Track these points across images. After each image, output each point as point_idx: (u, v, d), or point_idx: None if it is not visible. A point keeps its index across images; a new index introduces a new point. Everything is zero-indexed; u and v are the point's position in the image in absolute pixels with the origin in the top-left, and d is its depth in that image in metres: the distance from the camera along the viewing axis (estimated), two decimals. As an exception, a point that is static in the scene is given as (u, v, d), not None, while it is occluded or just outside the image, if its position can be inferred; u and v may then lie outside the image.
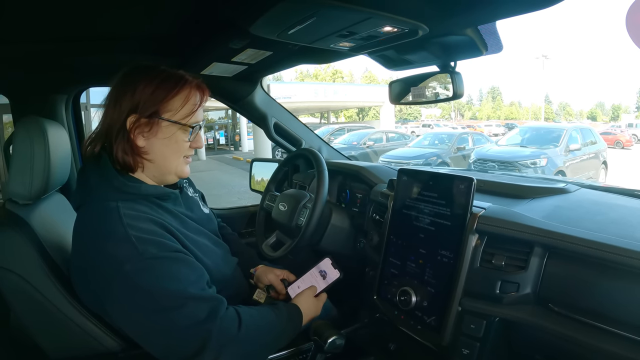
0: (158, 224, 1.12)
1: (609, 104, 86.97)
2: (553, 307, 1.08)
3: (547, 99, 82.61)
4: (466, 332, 1.20)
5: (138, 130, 1.14)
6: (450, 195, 1.26)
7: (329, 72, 69.10)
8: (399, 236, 1.40)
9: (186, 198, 1.37)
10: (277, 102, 2.30)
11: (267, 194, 2.03)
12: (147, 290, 1.00)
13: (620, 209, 1.30)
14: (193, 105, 1.19)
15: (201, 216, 1.40)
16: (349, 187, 2.02)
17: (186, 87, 1.18)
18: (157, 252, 1.03)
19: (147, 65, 1.19)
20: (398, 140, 15.82)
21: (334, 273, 1.43)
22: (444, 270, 1.25)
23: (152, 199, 1.18)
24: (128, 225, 1.04)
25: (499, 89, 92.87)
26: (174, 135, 1.18)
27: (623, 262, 0.96)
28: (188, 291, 1.03)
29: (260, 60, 1.68)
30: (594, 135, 10.79)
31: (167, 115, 1.16)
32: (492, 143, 12.46)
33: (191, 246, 1.18)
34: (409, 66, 1.46)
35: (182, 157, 1.23)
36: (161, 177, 1.23)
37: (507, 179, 1.70)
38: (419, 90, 1.43)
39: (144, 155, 1.17)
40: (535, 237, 1.13)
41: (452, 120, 67.17)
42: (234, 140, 27.05)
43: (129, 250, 1.01)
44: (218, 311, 1.05)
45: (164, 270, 1.03)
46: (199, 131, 1.24)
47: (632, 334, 0.94)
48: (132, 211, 1.09)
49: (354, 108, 52.17)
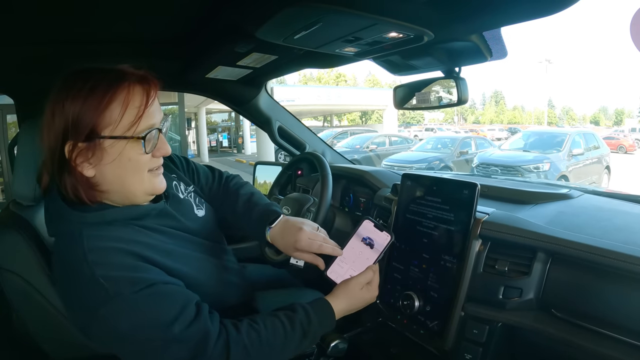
0: (130, 254, 0.94)
1: (612, 109, 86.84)
2: (556, 312, 1.08)
3: (550, 103, 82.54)
4: (469, 337, 1.20)
5: (80, 158, 0.93)
6: (454, 200, 1.26)
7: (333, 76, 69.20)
8: (402, 241, 1.39)
9: (175, 204, 1.18)
10: (281, 105, 2.31)
11: (270, 197, 2.02)
12: (126, 333, 0.88)
13: (624, 216, 1.30)
14: (136, 108, 0.94)
15: (194, 222, 1.21)
16: (352, 191, 2.02)
17: (122, 87, 0.93)
18: (131, 290, 0.88)
19: (80, 69, 0.96)
20: (401, 144, 15.82)
21: (382, 236, 1.19)
22: (447, 275, 1.25)
23: (125, 221, 1.01)
24: (94, 263, 0.88)
25: (502, 93, 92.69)
26: (124, 154, 0.95)
27: (627, 269, 0.96)
28: (170, 332, 0.89)
29: (265, 64, 1.68)
30: (597, 140, 10.78)
31: (107, 131, 0.92)
32: (495, 147, 12.45)
33: (176, 266, 1.02)
34: (413, 71, 1.47)
35: (146, 172, 1.01)
36: (131, 200, 1.03)
37: (510, 184, 1.69)
38: (423, 96, 1.43)
39: (97, 188, 0.98)
40: (539, 243, 1.12)
41: (455, 124, 67.02)
42: (237, 143, 27.09)
43: (99, 293, 0.87)
44: (205, 350, 0.91)
45: (142, 309, 0.89)
46: (159, 135, 1.00)
47: (635, 340, 0.94)
48: (100, 242, 0.92)
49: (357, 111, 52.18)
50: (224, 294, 1.22)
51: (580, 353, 1.03)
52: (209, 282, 1.14)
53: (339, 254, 1.19)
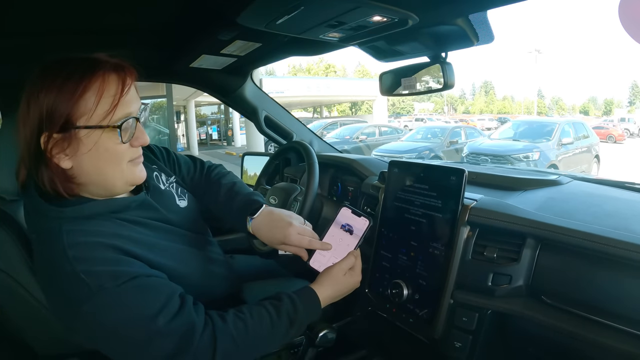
0: (111, 247, 0.92)
1: (601, 99, 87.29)
2: (546, 299, 1.08)
3: (539, 93, 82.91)
4: (458, 325, 1.20)
5: (56, 150, 0.91)
6: (441, 187, 1.24)
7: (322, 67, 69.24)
8: (390, 229, 1.38)
9: (157, 195, 1.15)
10: (267, 95, 2.28)
11: (258, 187, 2.00)
12: (109, 328, 0.87)
13: (614, 201, 1.29)
14: (111, 96, 0.91)
15: (176, 213, 1.19)
16: (340, 180, 2.00)
17: (96, 76, 0.91)
18: (113, 284, 0.87)
19: (55, 59, 0.94)
20: (391, 134, 15.87)
21: (360, 222, 1.20)
22: (435, 262, 1.24)
23: (105, 215, 0.98)
24: (74, 259, 0.87)
25: (492, 83, 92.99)
26: (100, 144, 0.92)
27: (617, 255, 0.95)
28: (154, 325, 0.87)
29: (249, 52, 1.66)
30: (586, 129, 10.85)
31: (82, 121, 0.90)
32: (485, 137, 12.52)
33: (159, 259, 1.00)
34: (399, 57, 1.45)
35: (126, 162, 0.99)
36: (110, 192, 1.01)
37: (499, 171, 1.69)
38: (409, 82, 1.41)
39: (74, 180, 0.95)
40: (528, 229, 1.12)
41: (445, 115, 67.30)
42: (227, 135, 26.98)
43: (81, 289, 0.85)
44: (191, 342, 0.89)
45: (125, 303, 0.88)
46: (137, 124, 0.97)
47: (625, 326, 0.93)
48: (80, 237, 0.90)
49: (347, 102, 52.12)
50: (209, 286, 1.20)
51: (570, 339, 1.02)
52: (193, 274, 1.11)
53: (328, 249, 1.18)
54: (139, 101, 1.00)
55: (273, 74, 36.84)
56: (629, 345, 0.92)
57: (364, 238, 1.19)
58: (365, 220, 1.19)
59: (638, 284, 0.94)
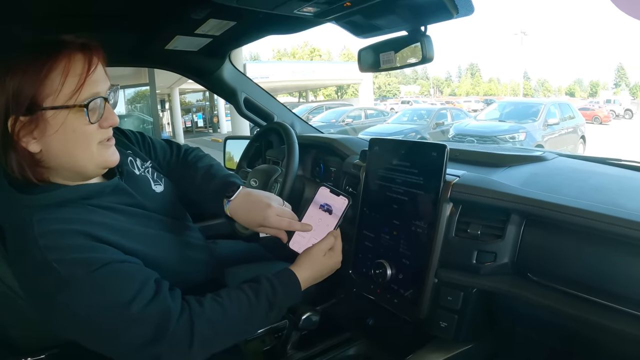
0: (83, 234, 0.90)
1: (587, 81, 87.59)
2: (532, 276, 1.06)
3: (525, 75, 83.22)
4: (443, 305, 1.18)
5: (23, 132, 0.89)
6: (423, 163, 1.22)
7: (307, 51, 68.93)
8: (372, 208, 1.36)
9: (131, 180, 1.13)
10: (247, 76, 2.25)
11: (239, 170, 1.99)
12: (84, 317, 0.86)
13: (600, 176, 1.27)
14: (77, 76, 0.89)
15: (151, 198, 1.16)
16: (322, 161, 1.98)
17: (61, 55, 0.89)
18: (86, 271, 0.85)
19: (21, 43, 0.92)
20: (377, 117, 15.93)
21: (339, 201, 1.17)
22: (418, 241, 1.22)
23: (77, 201, 0.96)
24: (45, 248, 0.85)
25: (478, 65, 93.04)
26: (67, 124, 0.90)
27: (604, 229, 0.93)
28: (129, 311, 0.86)
29: (225, 31, 1.61)
30: (572, 110, 10.95)
31: (48, 102, 0.88)
32: (471, 118, 12.58)
33: (133, 245, 0.98)
34: (378, 32, 1.41)
35: (96, 144, 0.95)
36: (82, 176, 0.99)
37: (483, 148, 1.67)
38: (388, 56, 1.38)
39: (43, 164, 0.93)
40: (512, 205, 1.09)
41: (431, 97, 67.48)
42: (212, 122, 26.85)
43: (54, 279, 0.84)
44: (167, 327, 0.88)
45: (99, 290, 0.86)
46: (105, 104, 0.95)
47: (612, 303, 0.92)
48: (50, 225, 0.88)
49: (333, 86, 52.05)
50: (188, 272, 1.17)
51: (557, 317, 1.01)
52: (169, 260, 1.09)
53: (308, 230, 1.16)
54: (107, 82, 0.97)
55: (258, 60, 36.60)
56: (617, 322, 0.90)
57: (343, 217, 1.16)
58: (344, 200, 1.17)
59: (626, 259, 0.92)
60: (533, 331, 1.18)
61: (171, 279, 0.99)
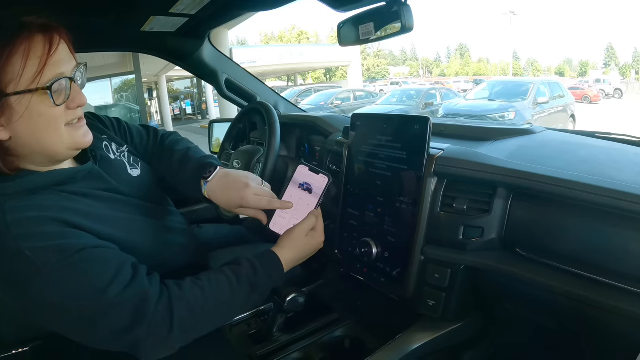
0: (56, 221, 0.88)
1: (577, 60, 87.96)
2: (521, 251, 1.04)
3: (515, 55, 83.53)
4: (431, 283, 1.16)
5: None
6: (405, 137, 1.18)
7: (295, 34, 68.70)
8: (355, 185, 1.33)
9: (106, 165, 1.10)
10: (228, 57, 2.20)
11: (222, 152, 1.96)
12: (60, 305, 0.84)
13: (589, 148, 1.24)
14: (38, 58, 0.85)
15: (127, 183, 1.13)
16: (307, 140, 1.95)
17: (20, 38, 0.84)
18: (60, 258, 0.83)
19: None
20: (366, 98, 15.88)
21: (319, 179, 1.13)
22: (403, 217, 1.19)
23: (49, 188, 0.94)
24: (18, 236, 0.83)
25: (467, 46, 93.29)
26: (32, 109, 0.87)
27: (593, 201, 0.90)
28: (105, 297, 0.84)
29: (200, 9, 1.55)
30: (561, 89, 10.97)
31: (10, 87, 0.84)
32: (461, 98, 12.57)
33: (108, 230, 0.96)
34: (357, 4, 1.36)
35: (64, 126, 0.92)
36: (53, 159, 0.96)
37: (469, 123, 1.64)
38: (367, 28, 1.34)
39: (13, 153, 0.90)
40: (498, 177, 1.06)
41: (421, 78, 67.44)
42: (201, 109, 26.76)
43: (28, 267, 0.82)
44: (146, 312, 0.87)
45: (74, 277, 0.84)
46: (71, 85, 0.91)
47: (602, 278, 0.90)
48: (22, 213, 0.86)
49: (321, 69, 51.98)
50: (167, 256, 1.16)
51: (546, 293, 1.00)
52: (147, 244, 1.06)
53: (290, 207, 1.12)
54: (73, 61, 0.93)
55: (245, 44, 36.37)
56: (607, 297, 0.88)
57: (324, 196, 1.12)
58: (324, 178, 1.12)
59: (615, 232, 0.89)
60: (522, 308, 1.17)
61: (150, 263, 0.97)
